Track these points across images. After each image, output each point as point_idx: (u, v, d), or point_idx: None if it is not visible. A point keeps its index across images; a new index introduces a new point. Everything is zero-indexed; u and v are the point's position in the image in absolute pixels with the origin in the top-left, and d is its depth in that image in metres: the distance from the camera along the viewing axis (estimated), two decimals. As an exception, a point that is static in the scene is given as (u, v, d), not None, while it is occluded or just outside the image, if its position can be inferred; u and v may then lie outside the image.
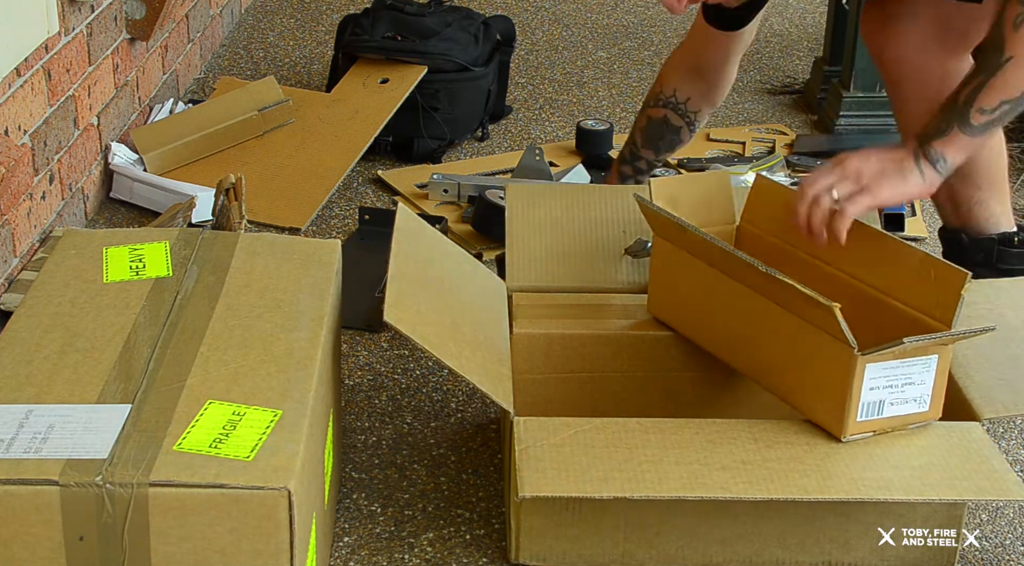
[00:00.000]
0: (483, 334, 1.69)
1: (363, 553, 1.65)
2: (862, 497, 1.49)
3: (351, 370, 2.04)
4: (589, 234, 1.93)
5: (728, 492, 1.48)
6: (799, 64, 3.46)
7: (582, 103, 3.16)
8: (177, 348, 1.45)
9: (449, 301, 1.70)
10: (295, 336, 1.48)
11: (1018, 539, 1.72)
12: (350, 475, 1.79)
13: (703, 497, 1.48)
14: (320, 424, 1.46)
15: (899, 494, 1.50)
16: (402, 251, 1.67)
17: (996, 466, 1.54)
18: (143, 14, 2.65)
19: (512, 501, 1.59)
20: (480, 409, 1.96)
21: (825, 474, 1.51)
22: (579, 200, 1.98)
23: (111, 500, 1.24)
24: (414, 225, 1.78)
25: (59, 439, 1.29)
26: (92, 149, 2.49)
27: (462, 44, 2.86)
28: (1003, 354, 1.73)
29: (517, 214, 1.94)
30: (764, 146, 2.92)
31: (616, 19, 3.78)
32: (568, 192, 2.00)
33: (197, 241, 1.66)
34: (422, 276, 1.69)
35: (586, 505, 1.58)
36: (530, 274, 1.89)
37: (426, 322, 1.58)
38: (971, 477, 1.52)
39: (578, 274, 1.90)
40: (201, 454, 1.28)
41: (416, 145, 2.78)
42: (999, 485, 1.52)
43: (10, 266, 2.13)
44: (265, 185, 2.56)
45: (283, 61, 3.36)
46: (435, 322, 1.61)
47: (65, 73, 2.31)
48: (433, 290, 1.69)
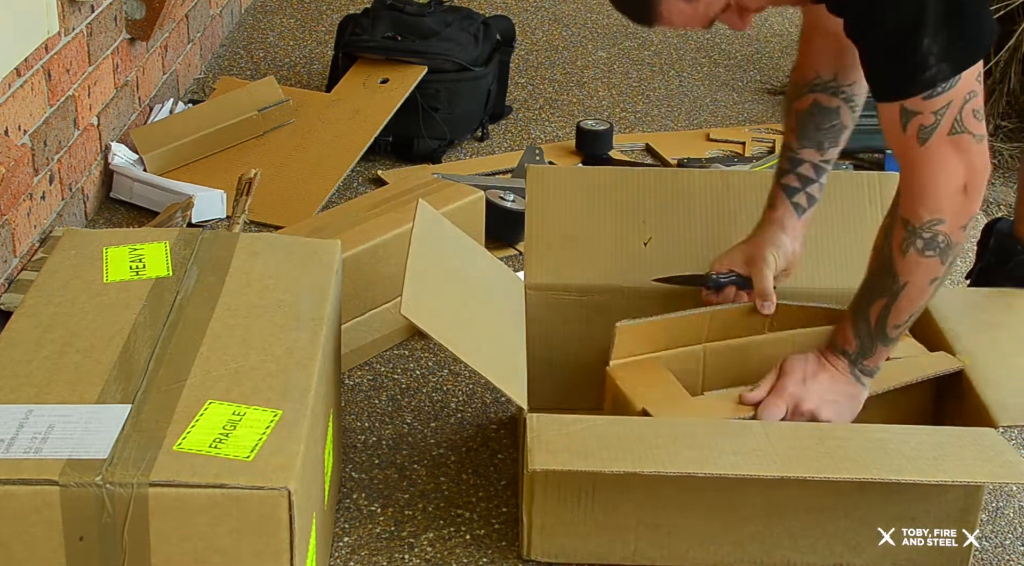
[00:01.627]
0: (499, 330, 1.70)
1: (363, 553, 1.65)
2: (874, 477, 1.49)
3: (351, 370, 2.04)
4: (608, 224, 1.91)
5: (739, 470, 1.49)
6: (799, 64, 3.46)
7: (582, 103, 3.16)
8: (177, 348, 1.45)
9: (466, 296, 1.71)
10: (295, 336, 1.48)
11: (1018, 539, 1.72)
12: (350, 475, 1.79)
13: (714, 474, 1.49)
14: (320, 424, 1.46)
15: (912, 476, 1.50)
16: (420, 246, 1.67)
17: (1010, 458, 1.54)
18: (143, 14, 2.65)
19: (525, 499, 1.60)
20: (480, 409, 1.96)
21: (837, 458, 1.52)
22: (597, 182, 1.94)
23: (111, 500, 1.24)
24: (433, 221, 1.78)
25: (59, 439, 1.29)
26: (92, 149, 2.49)
27: (462, 44, 2.86)
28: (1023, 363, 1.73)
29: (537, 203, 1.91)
30: (764, 146, 2.92)
31: (616, 19, 3.78)
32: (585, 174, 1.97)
33: (197, 241, 1.66)
34: (440, 271, 1.69)
35: (598, 503, 1.58)
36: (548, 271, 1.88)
37: (443, 317, 1.59)
38: (984, 465, 1.53)
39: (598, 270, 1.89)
40: (201, 454, 1.28)
41: (416, 145, 2.78)
42: (1013, 471, 1.52)
43: (10, 266, 2.13)
44: (265, 185, 2.55)
45: (283, 61, 3.35)
46: (452, 317, 1.61)
47: (65, 73, 2.31)
48: (450, 285, 1.69)
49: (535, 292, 1.87)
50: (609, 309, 1.86)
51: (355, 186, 2.68)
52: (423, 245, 1.69)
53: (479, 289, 1.77)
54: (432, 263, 1.69)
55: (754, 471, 1.49)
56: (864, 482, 1.53)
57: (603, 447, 1.52)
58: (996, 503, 1.78)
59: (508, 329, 1.72)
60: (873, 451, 1.54)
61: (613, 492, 1.58)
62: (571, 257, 1.89)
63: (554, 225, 1.90)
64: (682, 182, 1.94)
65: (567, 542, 1.61)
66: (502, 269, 1.88)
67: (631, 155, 2.88)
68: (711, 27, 1.60)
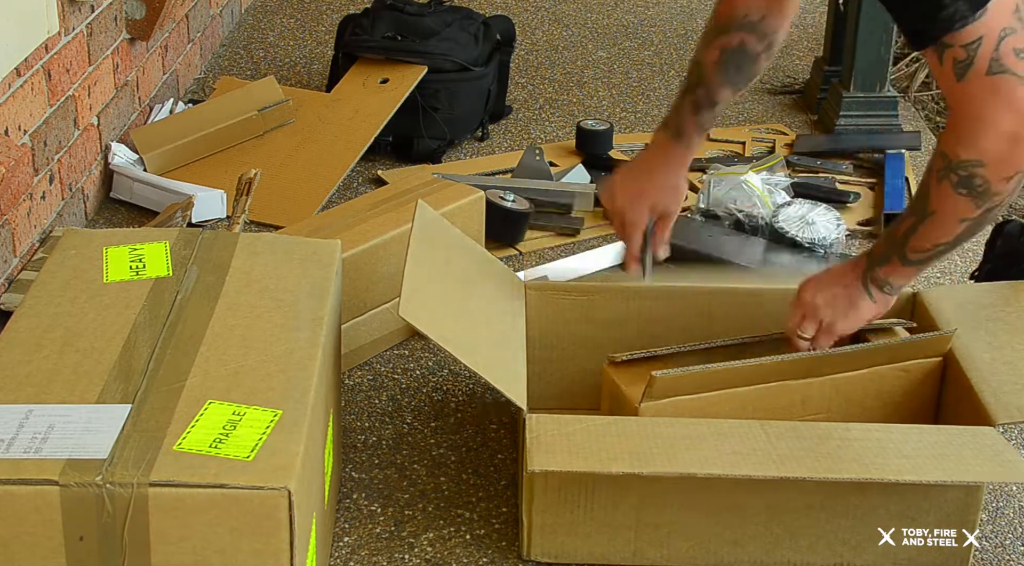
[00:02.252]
0: (499, 331, 1.70)
1: (363, 553, 1.65)
2: (874, 478, 1.50)
3: (351, 370, 2.04)
4: None
5: (739, 470, 1.49)
6: (799, 64, 3.46)
7: (582, 103, 3.16)
8: (177, 348, 1.45)
9: (465, 297, 1.71)
10: (295, 336, 1.48)
11: (1018, 539, 1.72)
12: (350, 475, 1.79)
13: (714, 474, 1.49)
14: (320, 424, 1.46)
15: (911, 476, 1.50)
16: (419, 246, 1.67)
17: (1009, 457, 1.54)
18: (143, 14, 2.65)
19: (525, 499, 1.60)
20: (480, 409, 1.96)
21: (836, 459, 1.53)
22: None
23: (111, 500, 1.24)
24: (432, 221, 1.78)
25: (59, 439, 1.29)
26: (92, 149, 2.49)
27: (462, 44, 2.86)
28: (1022, 359, 1.73)
29: None
30: (764, 146, 2.92)
31: (616, 19, 3.78)
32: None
33: (197, 241, 1.66)
34: (439, 272, 1.69)
35: (598, 503, 1.58)
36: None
37: (441, 318, 1.59)
38: (984, 464, 1.53)
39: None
40: (201, 454, 1.28)
41: (416, 145, 2.78)
42: (1012, 470, 1.52)
43: (10, 266, 2.13)
44: (265, 185, 2.55)
45: (283, 61, 3.35)
46: (450, 318, 1.61)
47: (65, 73, 2.31)
48: (449, 286, 1.69)
49: (535, 292, 1.87)
50: (608, 309, 1.87)
51: (355, 186, 2.68)
52: (422, 246, 1.69)
53: (478, 289, 1.77)
54: (431, 264, 1.68)
55: (754, 471, 1.49)
56: (864, 482, 1.53)
57: (602, 447, 1.52)
58: (996, 503, 1.78)
59: (508, 329, 1.72)
60: (873, 451, 1.54)
61: (613, 492, 1.58)
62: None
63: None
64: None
65: (567, 542, 1.61)
66: (502, 269, 1.88)
67: (631, 155, 2.88)
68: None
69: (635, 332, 1.87)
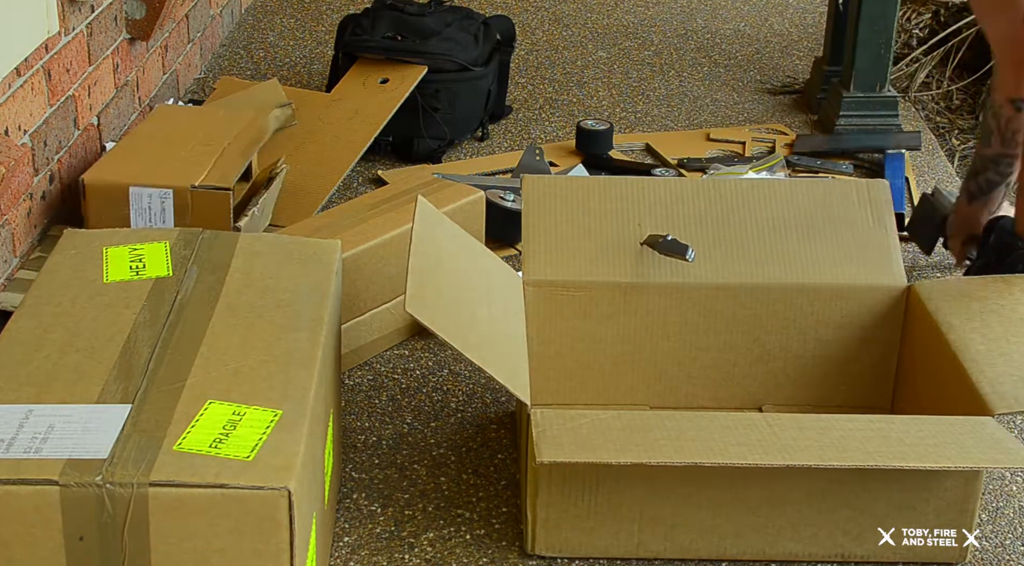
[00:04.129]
0: (501, 327, 1.70)
1: (363, 553, 1.65)
2: (877, 464, 1.50)
3: (351, 370, 2.04)
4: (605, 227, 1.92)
5: (745, 459, 1.50)
6: (799, 64, 3.46)
7: (582, 103, 3.16)
8: (177, 348, 1.45)
9: (468, 293, 1.72)
10: (295, 336, 1.48)
11: (1018, 539, 1.72)
12: (350, 475, 1.79)
13: (720, 463, 1.50)
14: (320, 424, 1.46)
15: (914, 462, 1.51)
16: (422, 243, 1.68)
17: (1010, 445, 1.55)
18: (143, 14, 2.65)
19: (530, 494, 1.60)
20: (480, 409, 1.96)
21: (840, 448, 1.54)
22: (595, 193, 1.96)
23: (111, 500, 1.24)
24: (433, 218, 1.78)
25: (59, 439, 1.29)
26: (92, 149, 2.49)
27: (462, 44, 2.86)
28: (1017, 350, 1.73)
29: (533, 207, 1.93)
30: (764, 146, 2.92)
31: (616, 19, 3.78)
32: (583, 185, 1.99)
33: (197, 241, 1.66)
34: (441, 268, 1.70)
35: (602, 497, 1.59)
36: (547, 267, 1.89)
37: (446, 314, 1.60)
38: (986, 452, 1.54)
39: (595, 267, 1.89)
40: (201, 454, 1.28)
41: (416, 145, 2.78)
42: (1014, 457, 1.53)
43: (10, 266, 2.13)
44: (265, 185, 2.55)
45: (283, 61, 3.36)
46: (455, 314, 1.62)
47: (65, 73, 2.31)
48: (452, 282, 1.70)
49: (533, 288, 1.87)
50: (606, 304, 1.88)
51: (355, 186, 2.68)
52: (424, 242, 1.69)
53: (480, 285, 1.78)
54: (433, 260, 1.69)
55: (758, 460, 1.50)
56: (866, 470, 1.54)
57: (608, 440, 1.54)
58: (996, 503, 1.78)
59: (509, 325, 1.73)
60: (875, 440, 1.55)
61: (616, 485, 1.59)
62: (568, 255, 1.90)
63: (552, 226, 1.91)
64: (674, 189, 1.96)
65: (571, 536, 1.62)
66: (501, 266, 1.88)
67: (631, 155, 2.88)
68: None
69: (633, 327, 1.88)
